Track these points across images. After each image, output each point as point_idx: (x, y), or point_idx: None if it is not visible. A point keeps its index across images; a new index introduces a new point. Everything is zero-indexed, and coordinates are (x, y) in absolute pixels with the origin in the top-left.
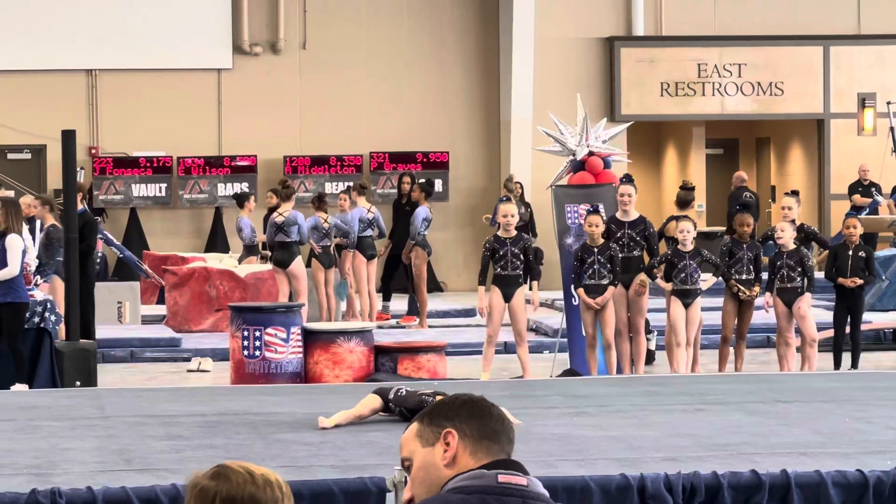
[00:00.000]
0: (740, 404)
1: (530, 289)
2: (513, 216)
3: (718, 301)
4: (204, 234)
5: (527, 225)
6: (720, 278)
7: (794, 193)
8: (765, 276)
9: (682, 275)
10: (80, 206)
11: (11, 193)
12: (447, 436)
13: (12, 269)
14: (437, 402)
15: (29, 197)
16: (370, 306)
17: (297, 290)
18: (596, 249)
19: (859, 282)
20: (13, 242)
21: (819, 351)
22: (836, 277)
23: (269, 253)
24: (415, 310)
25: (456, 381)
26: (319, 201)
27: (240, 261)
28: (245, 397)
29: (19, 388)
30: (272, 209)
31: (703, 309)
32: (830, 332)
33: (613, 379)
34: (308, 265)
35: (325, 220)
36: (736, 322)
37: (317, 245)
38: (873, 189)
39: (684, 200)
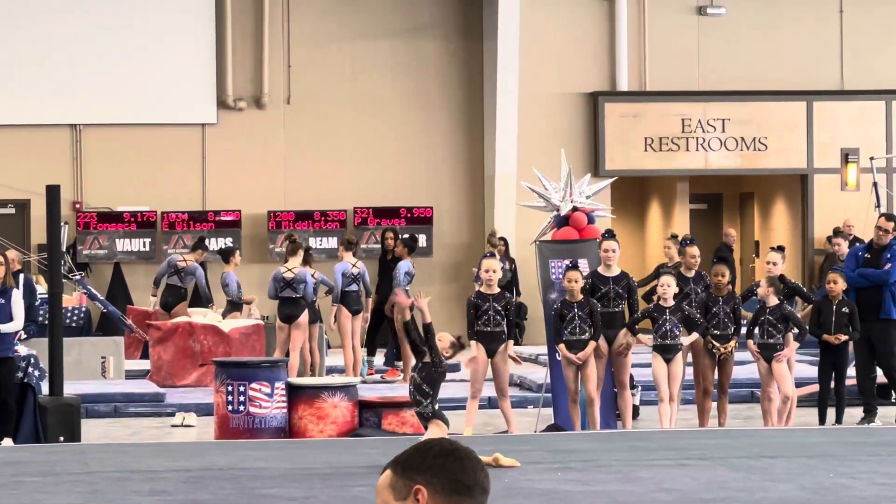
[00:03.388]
0: (725, 459)
1: (515, 343)
2: (494, 272)
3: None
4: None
5: (510, 281)
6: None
7: (780, 249)
8: (744, 330)
9: (662, 330)
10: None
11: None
12: (417, 493)
13: (18, 324)
14: (411, 450)
15: (13, 252)
16: (354, 361)
17: (294, 338)
18: (576, 305)
19: (843, 338)
20: (19, 298)
21: (805, 406)
22: (820, 333)
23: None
24: (392, 360)
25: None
26: (305, 255)
27: (224, 316)
28: (229, 452)
29: (6, 442)
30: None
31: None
32: (815, 388)
33: (597, 434)
34: None
35: (313, 276)
36: (717, 376)
37: None
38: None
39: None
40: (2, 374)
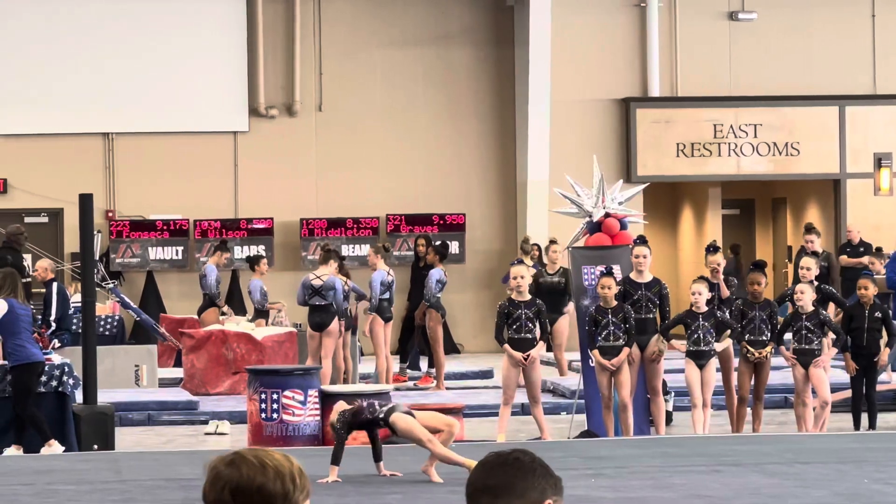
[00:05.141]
0: (758, 465)
1: (547, 349)
2: (523, 278)
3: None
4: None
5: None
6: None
7: (815, 254)
8: (786, 336)
9: (695, 336)
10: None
11: None
12: None
13: None
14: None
15: (46, 261)
16: (386, 368)
17: (325, 346)
18: (610, 311)
19: (885, 359)
20: None
21: (838, 412)
22: (852, 339)
23: (225, 311)
24: (416, 366)
25: (473, 442)
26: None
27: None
28: None
29: (51, 449)
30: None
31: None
32: (848, 393)
33: (631, 440)
34: None
35: (346, 283)
36: (753, 382)
37: None
38: (861, 248)
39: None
40: (9, 383)
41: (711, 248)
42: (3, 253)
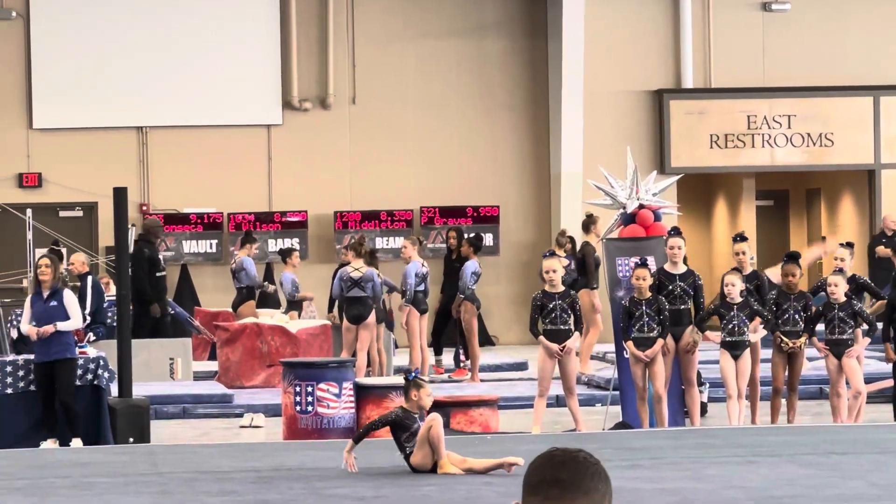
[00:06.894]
0: (794, 456)
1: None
2: (555, 271)
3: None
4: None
5: (576, 280)
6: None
7: (849, 245)
8: (819, 327)
9: (730, 326)
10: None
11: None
12: None
13: (76, 322)
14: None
15: (82, 254)
16: (422, 360)
17: (361, 339)
18: (644, 302)
19: None
20: (72, 298)
21: (874, 402)
22: (894, 330)
23: (266, 285)
24: (458, 363)
25: (508, 434)
26: (371, 257)
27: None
28: (298, 453)
29: (75, 443)
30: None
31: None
32: (886, 383)
33: (666, 431)
34: None
35: (378, 275)
36: (787, 374)
37: None
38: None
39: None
40: (60, 376)
41: (738, 238)
42: (140, 245)
